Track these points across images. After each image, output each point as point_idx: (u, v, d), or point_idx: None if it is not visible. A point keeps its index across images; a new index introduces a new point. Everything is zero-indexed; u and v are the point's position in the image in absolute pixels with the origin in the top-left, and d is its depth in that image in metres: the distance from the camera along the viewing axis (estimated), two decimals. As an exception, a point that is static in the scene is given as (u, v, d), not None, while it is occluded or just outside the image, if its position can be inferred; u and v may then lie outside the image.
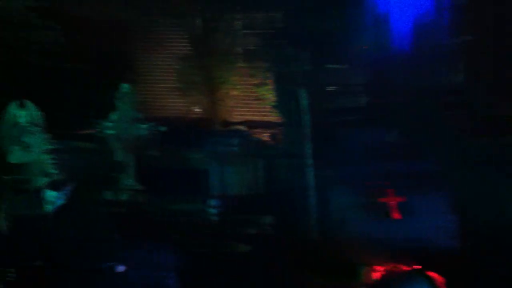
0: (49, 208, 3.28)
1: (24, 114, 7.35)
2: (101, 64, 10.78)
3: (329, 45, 8.62)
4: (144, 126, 7.16)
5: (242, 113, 11.15)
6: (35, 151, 6.34)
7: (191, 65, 10.97)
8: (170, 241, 5.56)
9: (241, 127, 10.44)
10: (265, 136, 8.95)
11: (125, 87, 7.15)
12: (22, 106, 7.32)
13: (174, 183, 6.82)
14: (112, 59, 11.18)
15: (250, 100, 11.10)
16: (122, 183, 6.52)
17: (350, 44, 8.89)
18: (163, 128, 7.18)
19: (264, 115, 10.94)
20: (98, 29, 10.79)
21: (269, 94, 10.63)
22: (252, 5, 9.93)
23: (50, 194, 3.30)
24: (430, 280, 4.79)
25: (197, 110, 11.29)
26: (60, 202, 3.32)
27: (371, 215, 5.40)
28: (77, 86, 10.27)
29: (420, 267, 4.90)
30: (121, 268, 3.27)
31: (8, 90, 7.95)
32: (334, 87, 8.73)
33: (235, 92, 10.95)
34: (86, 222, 3.37)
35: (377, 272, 5.05)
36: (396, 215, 5.52)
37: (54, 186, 3.35)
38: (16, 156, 6.37)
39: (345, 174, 5.88)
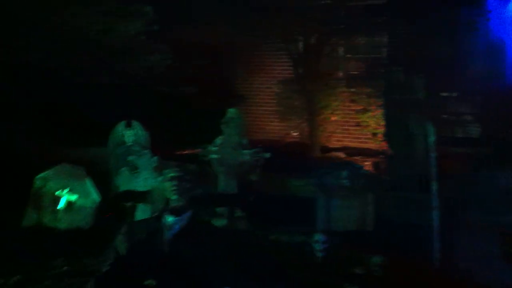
0: (168, 233, 3.27)
1: (130, 133, 7.48)
2: (208, 88, 10.93)
3: (442, 71, 8.20)
4: (247, 151, 7.05)
5: (342, 139, 10.92)
6: (143, 176, 6.39)
7: (292, 89, 10.91)
8: (272, 272, 5.35)
9: (340, 154, 10.15)
10: (366, 164, 8.58)
11: (231, 112, 7.07)
12: (129, 126, 7.45)
13: (277, 211, 6.63)
14: (218, 82, 11.32)
15: (351, 126, 10.85)
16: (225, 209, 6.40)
17: (465, 71, 8.41)
18: (267, 155, 7.02)
19: (365, 143, 10.64)
20: (203, 53, 10.97)
21: (371, 121, 10.32)
22: (356, 29, 9.70)
23: (170, 220, 3.31)
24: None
25: (295, 134, 11.18)
26: (178, 227, 3.32)
27: (505, 265, 4.90)
28: (184, 109, 10.45)
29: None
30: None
31: (117, 111, 8.17)
32: (448, 115, 8.27)
33: (335, 118, 10.74)
34: (200, 247, 3.33)
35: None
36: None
37: (173, 211, 3.35)
38: (123, 178, 6.44)
39: (474, 217, 5.43)
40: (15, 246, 5.58)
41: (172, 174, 3.50)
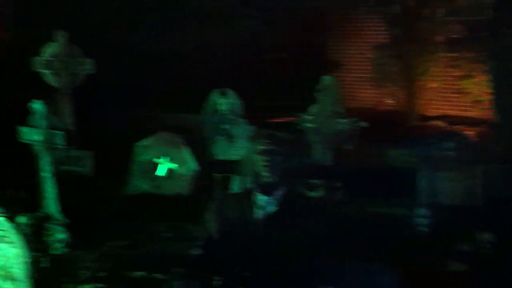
0: (259, 213, 3.05)
1: (224, 102, 7.48)
2: (301, 54, 10.72)
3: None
4: (344, 120, 6.83)
5: (441, 107, 10.37)
6: (239, 145, 6.37)
7: (387, 54, 10.46)
8: (371, 246, 5.18)
9: (439, 122, 9.65)
10: (470, 134, 8.06)
11: (326, 79, 6.86)
12: (223, 94, 7.45)
13: (375, 183, 6.41)
14: (311, 49, 11.07)
15: (451, 94, 10.27)
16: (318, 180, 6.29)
17: None
18: (364, 124, 6.77)
19: (466, 111, 10.05)
20: (297, 19, 10.73)
21: (474, 88, 9.70)
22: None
23: (261, 198, 3.06)
24: None
25: (391, 102, 10.76)
26: (271, 208, 3.08)
27: None
28: (278, 77, 10.34)
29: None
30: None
31: (212, 79, 8.20)
32: None
33: (434, 84, 10.20)
34: (295, 233, 3.11)
35: None
36: None
37: (265, 190, 3.11)
38: (220, 147, 6.45)
39: None
40: (120, 212, 5.76)
41: (262, 147, 3.21)
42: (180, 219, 5.56)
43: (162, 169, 6.38)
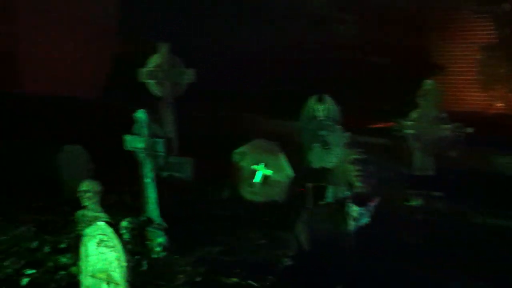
0: (352, 224, 2.96)
1: (322, 108, 7.41)
2: (400, 57, 10.42)
3: None
4: (447, 126, 6.52)
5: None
6: (335, 153, 6.28)
7: (496, 55, 9.86)
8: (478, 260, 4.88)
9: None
10: None
11: (428, 83, 6.59)
12: (320, 100, 7.39)
13: (481, 192, 6.06)
14: (411, 52, 10.73)
15: None
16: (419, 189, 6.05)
17: None
18: (469, 130, 6.42)
19: None
20: (395, 20, 10.43)
21: None
22: None
23: (354, 209, 2.97)
24: None
25: (499, 105, 10.14)
26: (364, 220, 2.98)
27: None
28: (376, 81, 10.11)
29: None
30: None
31: (309, 84, 8.16)
32: None
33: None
34: (390, 245, 2.96)
35: None
36: None
37: (358, 200, 3.02)
38: (316, 154, 6.40)
39: None
40: (217, 218, 5.89)
41: (354, 156, 3.13)
42: (275, 226, 5.59)
43: (258, 176, 6.45)
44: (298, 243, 3.16)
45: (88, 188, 5.07)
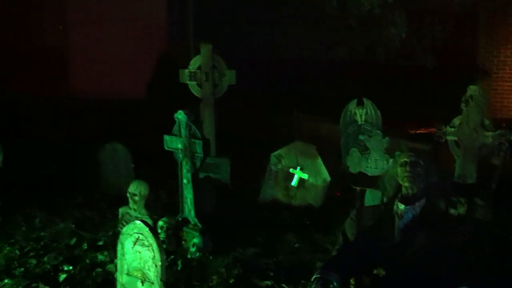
0: (399, 222, 3.03)
1: (361, 112, 7.33)
2: (445, 61, 10.17)
3: None
4: (490, 133, 6.33)
5: None
6: (374, 157, 6.20)
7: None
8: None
9: None
10: None
11: (472, 88, 6.42)
12: (360, 104, 7.31)
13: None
14: (457, 55, 10.46)
15: None
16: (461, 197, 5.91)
17: None
18: (514, 137, 6.22)
19: None
20: (442, 23, 10.18)
21: None
22: None
23: (401, 208, 3.07)
24: None
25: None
26: (410, 217, 3.05)
27: None
28: (419, 85, 9.92)
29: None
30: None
31: (350, 88, 8.09)
32: None
33: None
34: (432, 238, 2.98)
35: None
36: None
37: (405, 199, 3.10)
38: (354, 158, 6.31)
39: None
40: (253, 220, 5.89)
41: (405, 159, 3.20)
42: (311, 230, 5.56)
43: (295, 179, 6.43)
44: (345, 241, 3.24)
45: (136, 192, 5.16)
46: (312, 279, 2.96)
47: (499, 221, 5.76)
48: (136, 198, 5.17)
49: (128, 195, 5.20)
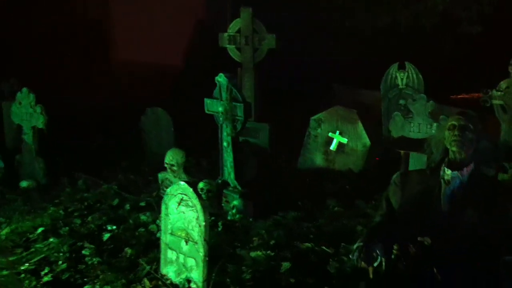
0: (446, 188, 2.92)
1: (403, 76, 7.19)
2: (493, 25, 9.77)
3: None
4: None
5: None
6: (417, 121, 6.05)
7: None
8: None
9: None
10: None
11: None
12: (402, 68, 7.16)
13: None
14: (504, 20, 10.04)
15: None
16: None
17: None
18: None
19: None
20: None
21: None
22: None
23: (448, 173, 2.94)
24: None
25: None
26: (458, 183, 2.92)
27: None
28: (462, 49, 9.60)
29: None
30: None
31: (392, 52, 7.90)
32: None
33: None
34: (479, 205, 2.88)
35: None
36: None
37: (453, 164, 2.96)
38: (397, 124, 6.19)
39: None
40: (292, 183, 5.89)
41: (453, 123, 3.07)
42: (351, 195, 5.52)
43: (334, 143, 6.37)
44: (388, 207, 3.14)
45: (173, 162, 5.21)
46: (355, 247, 2.89)
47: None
48: (175, 168, 5.23)
49: (166, 166, 5.25)
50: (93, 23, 16.44)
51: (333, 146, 6.41)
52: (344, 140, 6.36)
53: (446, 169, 3.01)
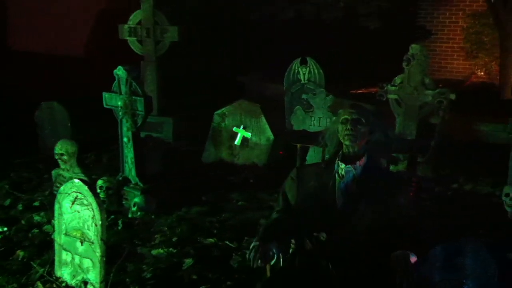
0: (340, 182, 2.90)
1: (305, 71, 7.31)
2: (386, 21, 10.22)
3: None
4: (431, 92, 6.45)
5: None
6: (317, 115, 6.19)
7: (482, 22, 9.76)
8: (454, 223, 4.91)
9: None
10: None
11: (415, 48, 6.48)
12: (304, 63, 7.28)
13: (461, 158, 6.06)
14: (398, 16, 10.53)
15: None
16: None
17: None
18: (452, 96, 6.35)
19: None
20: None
21: None
22: None
23: (342, 167, 2.91)
24: None
25: (482, 74, 10.11)
26: (351, 177, 2.92)
27: None
28: (361, 45, 9.96)
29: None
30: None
31: (294, 48, 8.01)
32: None
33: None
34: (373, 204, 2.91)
35: None
36: None
37: (346, 158, 2.96)
38: (298, 118, 6.33)
39: None
40: (196, 178, 5.83)
41: (346, 117, 3.02)
42: (255, 188, 5.55)
43: (238, 138, 6.37)
44: (285, 202, 3.08)
45: (62, 151, 4.95)
46: (251, 247, 2.82)
47: (441, 179, 5.92)
48: (65, 157, 4.97)
49: (56, 157, 5.00)
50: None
51: (237, 141, 6.41)
52: (248, 135, 6.38)
53: (340, 162, 2.96)
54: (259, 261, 2.75)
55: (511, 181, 5.14)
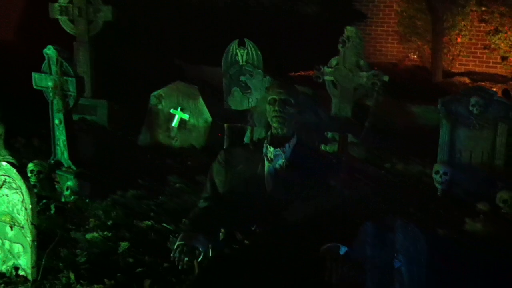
0: (269, 166, 2.76)
1: (243, 53, 7.28)
2: (324, 5, 10.32)
3: None
4: (365, 74, 6.58)
5: (466, 63, 10.00)
6: (255, 96, 6.20)
7: (415, 7, 10.03)
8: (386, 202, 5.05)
9: (464, 79, 9.33)
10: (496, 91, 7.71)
11: (349, 30, 6.57)
12: (242, 45, 7.26)
13: (394, 138, 6.24)
14: (338, 1, 10.63)
15: (478, 49, 9.88)
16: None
17: None
18: (385, 78, 6.51)
19: (493, 67, 9.68)
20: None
21: (502, 44, 9.32)
22: None
23: (271, 150, 2.77)
24: None
25: (415, 57, 10.41)
26: (280, 161, 2.77)
27: None
28: (299, 29, 10.00)
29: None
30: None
31: (232, 29, 7.95)
32: None
33: (461, 39, 9.81)
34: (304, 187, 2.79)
35: None
36: None
37: (275, 141, 2.79)
38: (236, 99, 6.30)
39: None
40: (133, 161, 5.72)
41: (273, 97, 2.87)
42: (194, 171, 5.50)
43: (175, 120, 6.29)
44: (213, 189, 2.94)
45: (-14, 131, 4.75)
46: (175, 246, 2.65)
47: (374, 159, 6.07)
48: (-11, 137, 4.77)
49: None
50: None
51: (174, 123, 6.33)
52: (186, 116, 6.30)
53: (268, 146, 2.82)
54: (185, 260, 2.60)
55: (441, 159, 5.35)
